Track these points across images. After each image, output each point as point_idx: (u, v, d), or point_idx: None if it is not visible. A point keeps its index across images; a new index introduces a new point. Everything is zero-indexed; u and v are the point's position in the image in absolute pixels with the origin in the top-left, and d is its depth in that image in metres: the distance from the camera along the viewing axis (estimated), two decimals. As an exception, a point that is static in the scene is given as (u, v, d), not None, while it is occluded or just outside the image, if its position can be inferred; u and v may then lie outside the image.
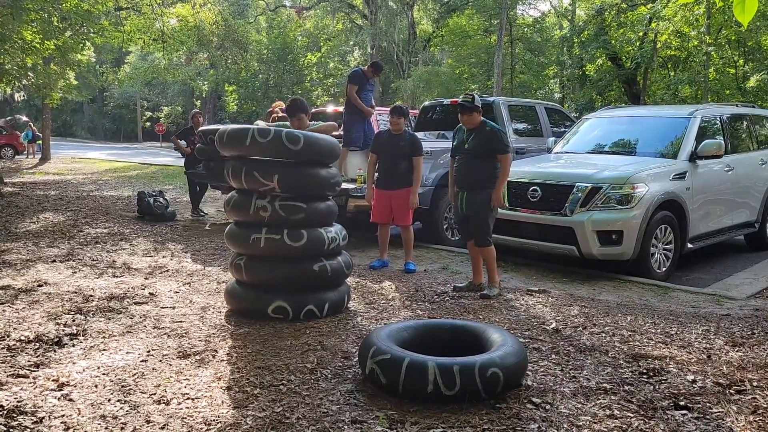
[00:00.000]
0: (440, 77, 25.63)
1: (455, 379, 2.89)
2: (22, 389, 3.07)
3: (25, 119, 26.35)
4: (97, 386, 3.12)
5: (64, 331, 3.96)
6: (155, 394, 3.05)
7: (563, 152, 7.42)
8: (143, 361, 3.50)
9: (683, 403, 2.99)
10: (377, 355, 3.08)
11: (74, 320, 4.20)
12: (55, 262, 6.11)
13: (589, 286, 5.65)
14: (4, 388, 3.08)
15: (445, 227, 7.66)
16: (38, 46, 13.96)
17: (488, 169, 5.02)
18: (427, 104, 9.87)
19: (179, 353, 3.63)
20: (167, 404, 2.94)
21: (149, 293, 4.99)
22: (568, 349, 3.78)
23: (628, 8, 20.57)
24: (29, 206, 10.18)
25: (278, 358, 3.56)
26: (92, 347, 3.70)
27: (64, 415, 2.81)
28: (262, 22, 34.05)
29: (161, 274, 5.74)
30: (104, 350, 3.66)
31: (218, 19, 18.58)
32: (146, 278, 5.53)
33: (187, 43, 17.67)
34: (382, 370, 3.03)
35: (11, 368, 3.33)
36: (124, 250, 6.87)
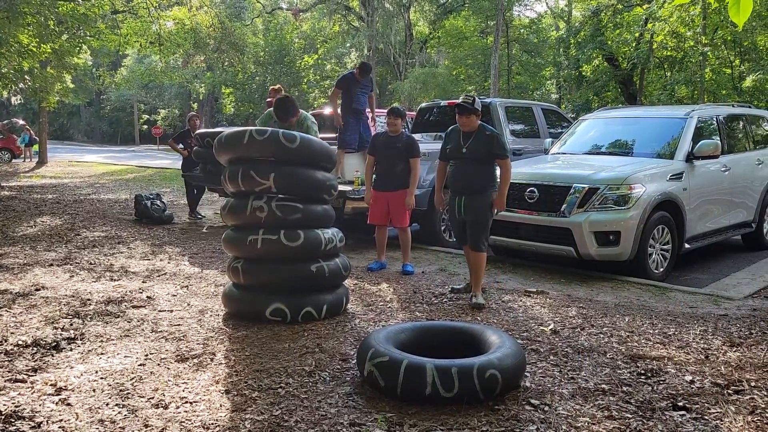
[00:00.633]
0: (437, 79, 25.68)
1: (453, 381, 2.89)
2: (20, 394, 3.06)
3: (21, 123, 26.29)
4: (95, 390, 3.12)
5: (61, 335, 3.95)
6: (153, 398, 3.04)
7: (560, 153, 7.43)
8: (141, 364, 3.49)
9: (681, 403, 2.99)
10: (375, 357, 3.08)
11: (72, 324, 4.19)
12: (52, 265, 6.10)
13: (587, 286, 5.66)
14: (2, 393, 3.07)
15: (442, 229, 7.67)
16: (35, 49, 13.95)
17: (487, 173, 4.93)
18: (424, 106, 9.88)
19: (177, 357, 3.62)
20: (165, 408, 2.93)
21: (147, 297, 4.98)
22: (566, 350, 3.79)
23: (624, 9, 20.63)
24: (26, 210, 10.16)
25: (276, 361, 3.55)
26: (90, 351, 3.70)
27: (62, 419, 2.80)
28: (258, 24, 34.03)
29: (159, 277, 5.73)
30: (102, 354, 3.65)
31: (215, 21, 18.56)
32: (144, 281, 5.52)
33: (183, 45, 17.67)
34: (380, 372, 3.03)
35: (9, 373, 3.32)
36: (121, 253, 6.86)
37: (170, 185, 14.95)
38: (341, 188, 7.11)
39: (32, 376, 3.30)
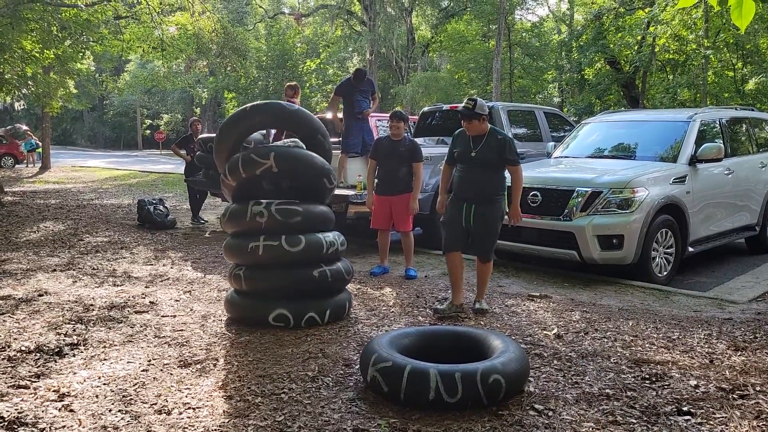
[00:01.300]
0: (439, 83, 25.69)
1: (457, 386, 2.88)
2: (23, 400, 3.06)
3: (25, 128, 26.36)
4: (97, 396, 3.12)
5: (64, 341, 3.95)
6: (156, 403, 3.04)
7: (563, 157, 7.43)
8: (144, 370, 3.49)
9: (686, 408, 2.98)
10: (379, 362, 3.07)
11: (75, 330, 4.19)
12: (55, 271, 6.10)
13: (590, 290, 5.64)
14: (4, 399, 3.07)
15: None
16: (38, 55, 14.00)
17: (497, 179, 4.70)
18: (426, 110, 9.89)
19: (180, 362, 3.62)
20: (168, 414, 2.93)
21: (150, 302, 4.98)
22: (570, 354, 3.77)
23: (626, 12, 20.62)
24: (29, 215, 10.18)
25: (279, 366, 3.55)
26: (93, 357, 3.70)
27: (65, 426, 2.80)
28: (261, 29, 34.12)
29: (162, 282, 5.73)
30: (105, 360, 3.65)
31: (217, 27, 18.59)
32: (147, 287, 5.53)
33: (186, 50, 17.68)
34: (383, 377, 3.02)
35: (12, 379, 3.32)
36: (124, 258, 6.87)
37: (173, 190, 14.97)
38: (344, 193, 7.12)
39: (35, 382, 3.30)
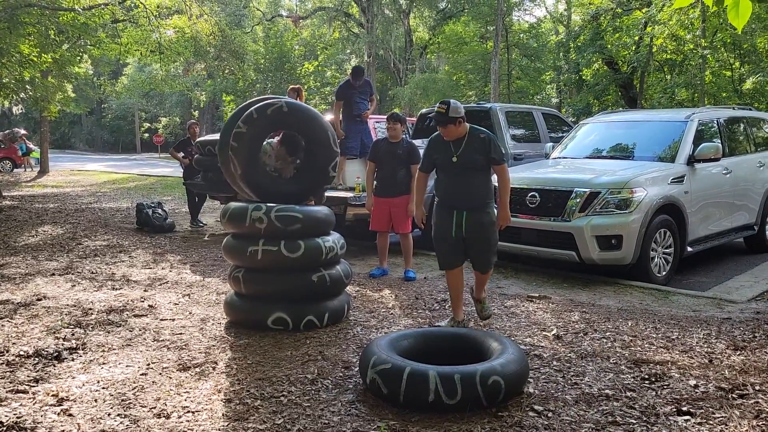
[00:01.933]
0: (437, 84, 25.73)
1: (456, 387, 2.88)
2: (21, 405, 3.06)
3: (23, 132, 26.36)
4: (96, 400, 3.11)
5: (63, 345, 3.95)
6: (155, 407, 3.03)
7: (561, 158, 7.43)
8: (143, 374, 3.48)
9: (686, 408, 2.98)
10: (378, 364, 3.07)
11: (73, 334, 4.19)
12: (54, 275, 6.10)
13: (589, 291, 5.64)
14: (3, 404, 3.06)
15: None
16: (36, 59, 13.99)
17: (485, 184, 4.29)
18: (424, 111, 9.89)
19: (179, 366, 3.61)
20: (167, 418, 2.92)
21: (149, 305, 4.97)
22: (569, 355, 3.77)
23: (623, 13, 20.64)
24: (28, 219, 10.17)
25: (279, 369, 3.54)
26: (92, 361, 3.69)
27: (63, 430, 2.79)
28: (258, 31, 34.11)
29: (160, 285, 5.72)
30: (104, 364, 3.65)
31: (215, 29, 18.59)
32: (145, 290, 5.52)
33: (184, 54, 17.70)
34: (383, 379, 3.02)
35: (10, 384, 3.32)
36: (123, 262, 6.86)
37: (171, 193, 14.97)
38: (343, 195, 7.12)
39: (34, 386, 3.30)
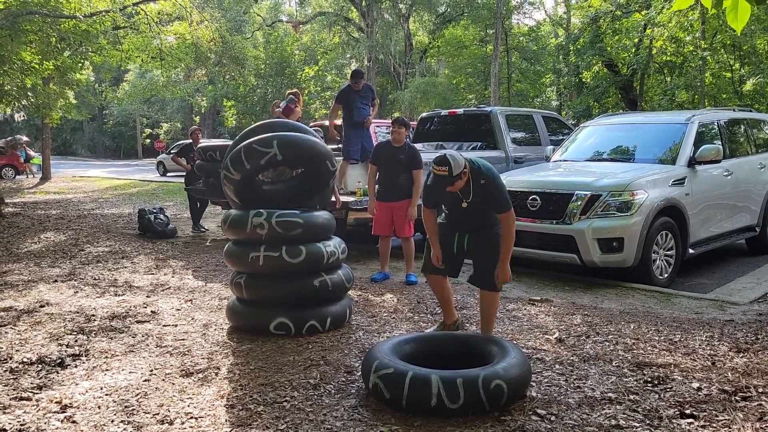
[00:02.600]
0: (437, 88, 25.76)
1: (459, 392, 2.88)
2: (25, 412, 3.06)
3: (25, 139, 26.44)
4: (100, 407, 3.11)
5: (66, 351, 3.96)
6: (158, 413, 3.04)
7: (562, 160, 7.44)
8: (146, 380, 3.49)
9: (689, 411, 2.98)
10: (380, 369, 3.07)
11: (76, 340, 4.20)
12: (56, 282, 6.11)
13: (591, 294, 5.64)
14: (7, 411, 3.07)
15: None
16: (37, 66, 14.04)
17: (491, 214, 3.94)
18: (424, 115, 9.91)
19: (182, 371, 3.62)
20: (170, 424, 2.93)
21: (151, 311, 4.98)
22: (571, 358, 3.77)
23: (622, 15, 20.68)
24: (30, 226, 10.18)
25: (281, 374, 3.55)
26: (95, 368, 3.70)
27: (67, 437, 2.80)
28: (259, 37, 34.20)
29: (163, 291, 5.73)
30: (107, 370, 3.65)
31: (215, 36, 18.65)
32: (148, 296, 5.53)
33: (185, 60, 17.73)
34: (385, 384, 3.02)
35: (14, 391, 3.32)
36: (125, 268, 6.87)
37: (173, 199, 14.98)
38: (344, 199, 7.13)
39: (37, 393, 3.30)
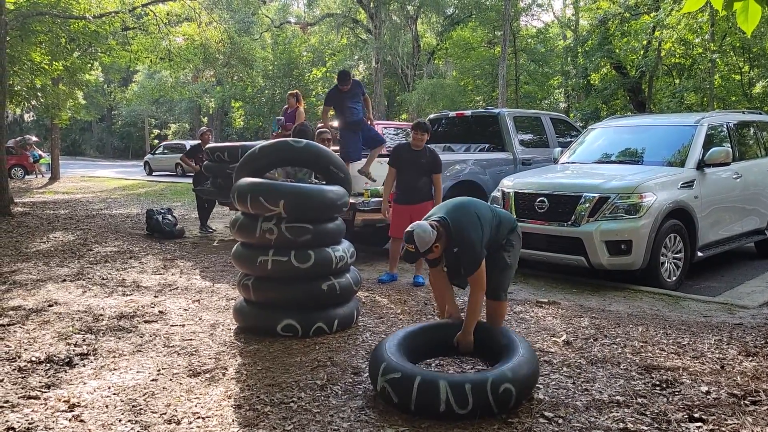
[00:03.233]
0: (445, 89, 25.75)
1: (467, 397, 2.87)
2: (33, 411, 3.08)
3: (35, 139, 26.62)
4: (107, 406, 3.13)
5: (74, 351, 3.97)
6: (166, 413, 3.05)
7: (570, 162, 7.42)
8: (153, 380, 3.50)
9: (698, 415, 2.96)
10: (388, 372, 3.06)
11: (85, 340, 4.22)
12: (65, 281, 6.14)
13: (599, 296, 5.62)
14: (15, 410, 3.09)
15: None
16: (47, 67, 14.13)
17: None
18: (432, 117, 9.91)
19: (189, 372, 3.63)
20: (178, 424, 2.94)
21: (159, 311, 5.00)
22: (579, 361, 3.76)
23: (631, 17, 20.62)
24: (39, 226, 10.24)
25: (288, 375, 3.55)
26: (103, 367, 3.71)
27: (75, 436, 2.81)
28: (267, 38, 34.30)
29: (170, 291, 5.75)
30: (114, 370, 3.66)
31: (224, 37, 18.69)
32: (156, 296, 5.55)
33: (193, 61, 17.79)
34: (393, 388, 3.01)
35: (22, 390, 3.34)
36: (133, 268, 6.90)
37: (181, 199, 15.04)
38: (351, 201, 7.13)
39: (45, 392, 3.32)
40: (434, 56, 31.26)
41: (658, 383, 3.37)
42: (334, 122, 8.16)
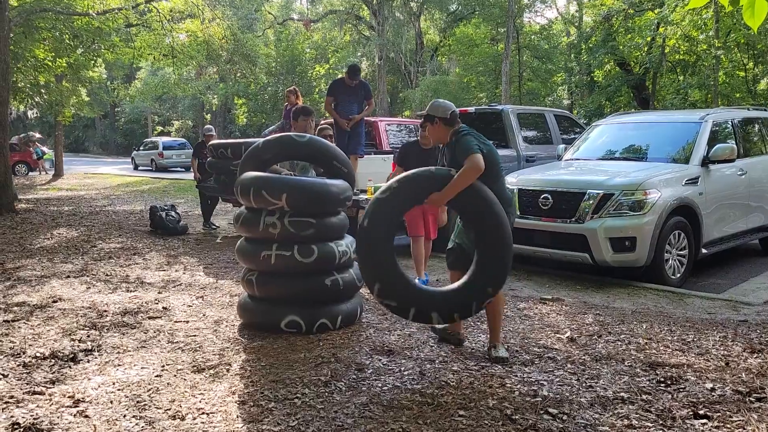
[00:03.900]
0: (448, 86, 25.71)
1: None
2: (38, 406, 3.08)
3: (38, 136, 26.69)
4: (112, 402, 3.13)
5: (79, 346, 3.98)
6: (170, 409, 3.05)
7: (574, 159, 7.40)
8: (158, 375, 3.50)
9: (702, 411, 2.95)
10: None
11: (89, 336, 4.22)
12: (69, 277, 6.15)
13: (603, 293, 5.61)
14: (20, 405, 3.09)
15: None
16: (50, 63, 14.15)
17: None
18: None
19: (193, 367, 3.63)
20: (182, 419, 2.94)
21: (163, 307, 5.00)
22: (583, 358, 3.75)
23: (635, 14, 20.54)
24: (43, 222, 10.27)
25: (292, 371, 3.55)
26: (107, 363, 3.72)
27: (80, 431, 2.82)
28: (270, 35, 34.26)
29: (174, 287, 5.76)
30: (119, 365, 3.67)
31: (227, 33, 18.67)
32: (159, 292, 5.56)
33: (196, 57, 17.78)
34: None
35: (27, 385, 3.35)
36: (137, 264, 6.91)
37: (184, 196, 15.06)
38: (354, 198, 7.12)
39: (50, 388, 3.33)
40: (437, 53, 31.20)
41: (662, 380, 3.37)
42: None
